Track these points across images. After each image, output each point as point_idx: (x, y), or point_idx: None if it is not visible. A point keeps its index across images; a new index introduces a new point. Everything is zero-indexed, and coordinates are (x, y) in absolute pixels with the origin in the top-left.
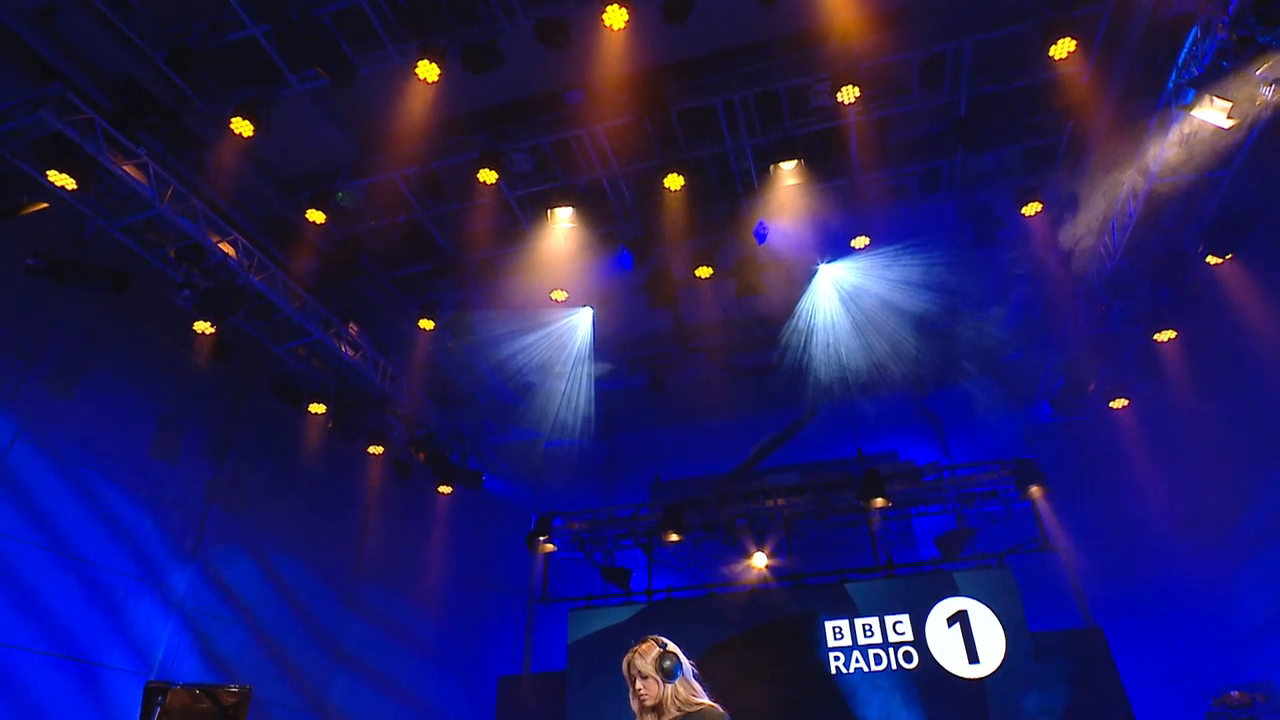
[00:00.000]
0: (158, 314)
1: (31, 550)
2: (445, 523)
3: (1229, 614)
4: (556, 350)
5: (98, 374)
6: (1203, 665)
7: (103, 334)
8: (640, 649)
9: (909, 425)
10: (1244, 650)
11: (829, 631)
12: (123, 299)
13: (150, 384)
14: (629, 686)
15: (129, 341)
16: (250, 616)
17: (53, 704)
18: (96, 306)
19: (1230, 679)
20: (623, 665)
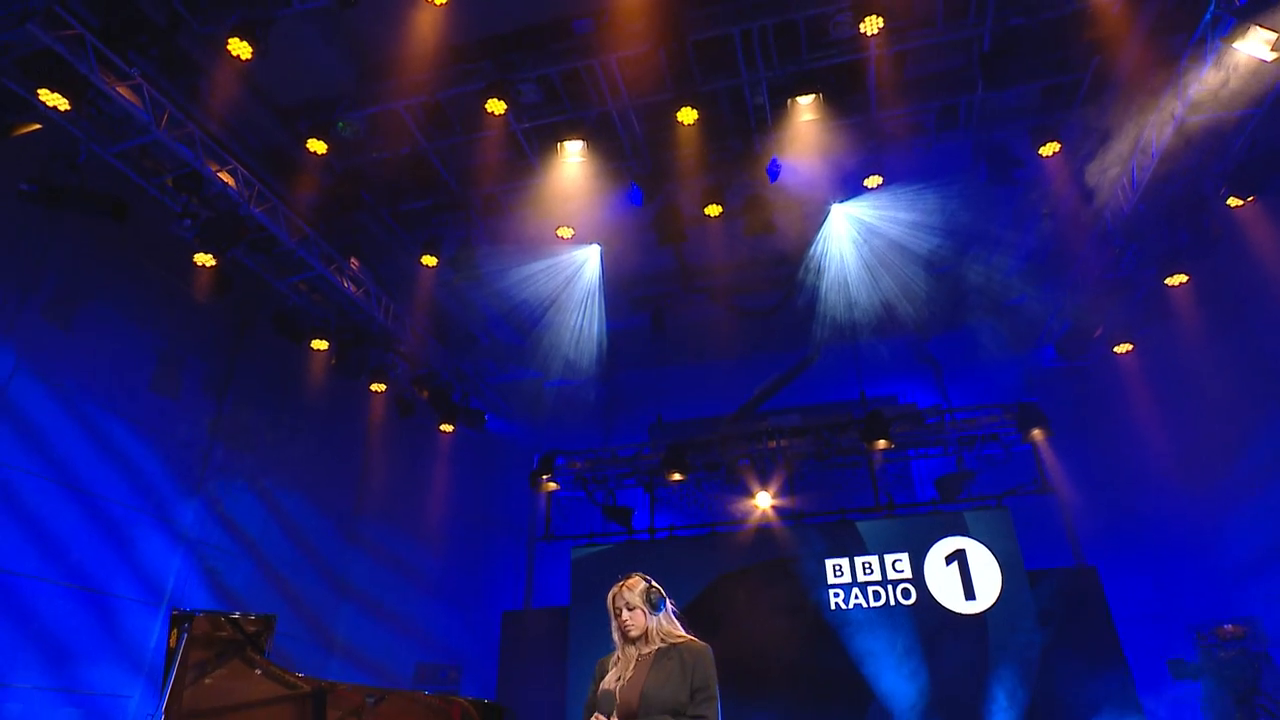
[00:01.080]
0: (155, 246)
1: (39, 482)
2: (446, 461)
3: (1218, 554)
4: (561, 288)
5: (95, 306)
6: (1190, 602)
7: (99, 265)
8: (627, 583)
9: (909, 369)
10: (1231, 588)
11: (829, 569)
12: (119, 230)
13: (149, 318)
14: (612, 619)
15: (126, 274)
16: (256, 551)
17: (68, 632)
18: (92, 236)
19: (1216, 615)
20: (608, 598)
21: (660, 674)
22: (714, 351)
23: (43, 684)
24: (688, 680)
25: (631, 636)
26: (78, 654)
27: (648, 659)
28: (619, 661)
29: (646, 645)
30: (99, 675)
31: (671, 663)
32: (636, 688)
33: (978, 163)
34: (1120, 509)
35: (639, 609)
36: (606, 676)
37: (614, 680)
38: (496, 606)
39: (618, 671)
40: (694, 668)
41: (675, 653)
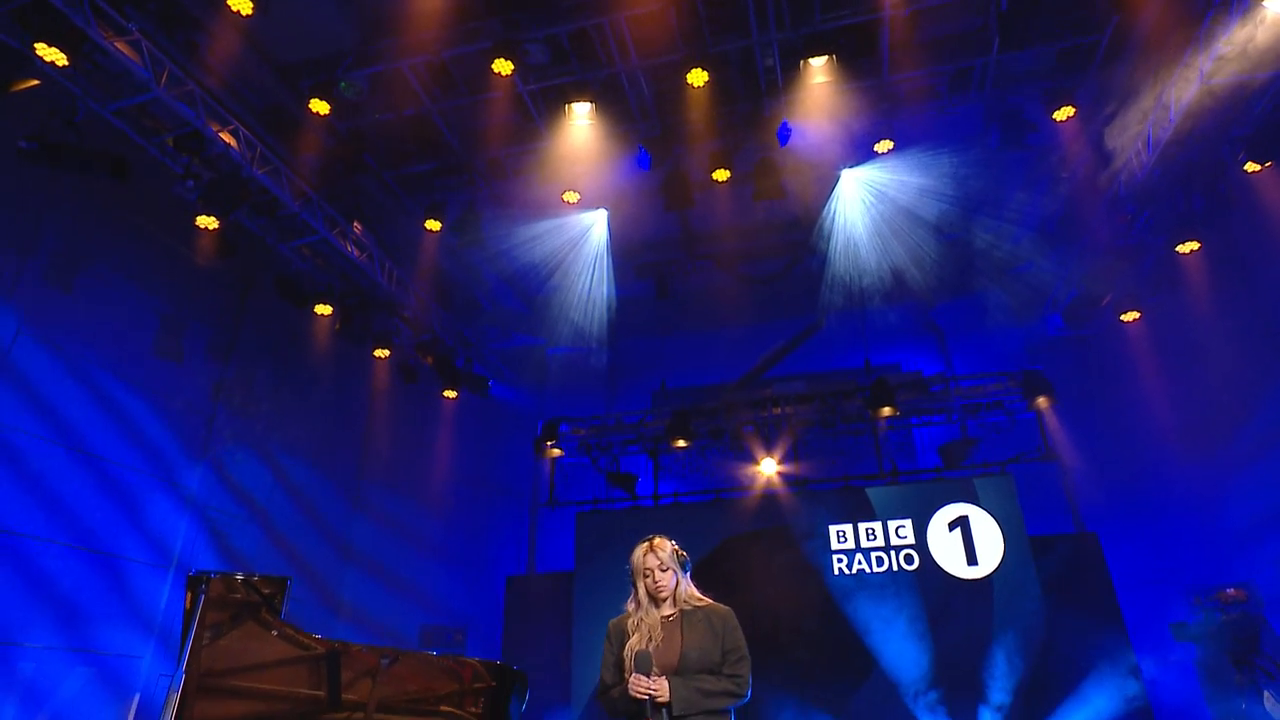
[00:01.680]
0: (156, 208)
1: (46, 446)
2: (449, 427)
3: (1217, 521)
4: (566, 254)
5: (97, 269)
6: (1189, 567)
7: (99, 227)
8: (655, 542)
9: (912, 337)
10: (1228, 554)
11: (833, 535)
12: (119, 191)
13: (151, 281)
14: (636, 579)
15: (127, 236)
16: (263, 515)
17: (79, 593)
18: (91, 198)
19: (1214, 580)
20: (635, 556)
21: (694, 635)
22: (718, 319)
23: (55, 644)
24: (719, 642)
25: (661, 597)
26: (89, 615)
27: (675, 621)
28: (641, 623)
29: (672, 607)
30: (111, 636)
31: (701, 625)
32: (674, 648)
33: (989, 128)
34: (1123, 476)
35: (671, 569)
36: (632, 638)
37: (643, 641)
38: (500, 571)
39: (644, 633)
40: (724, 630)
41: (701, 615)
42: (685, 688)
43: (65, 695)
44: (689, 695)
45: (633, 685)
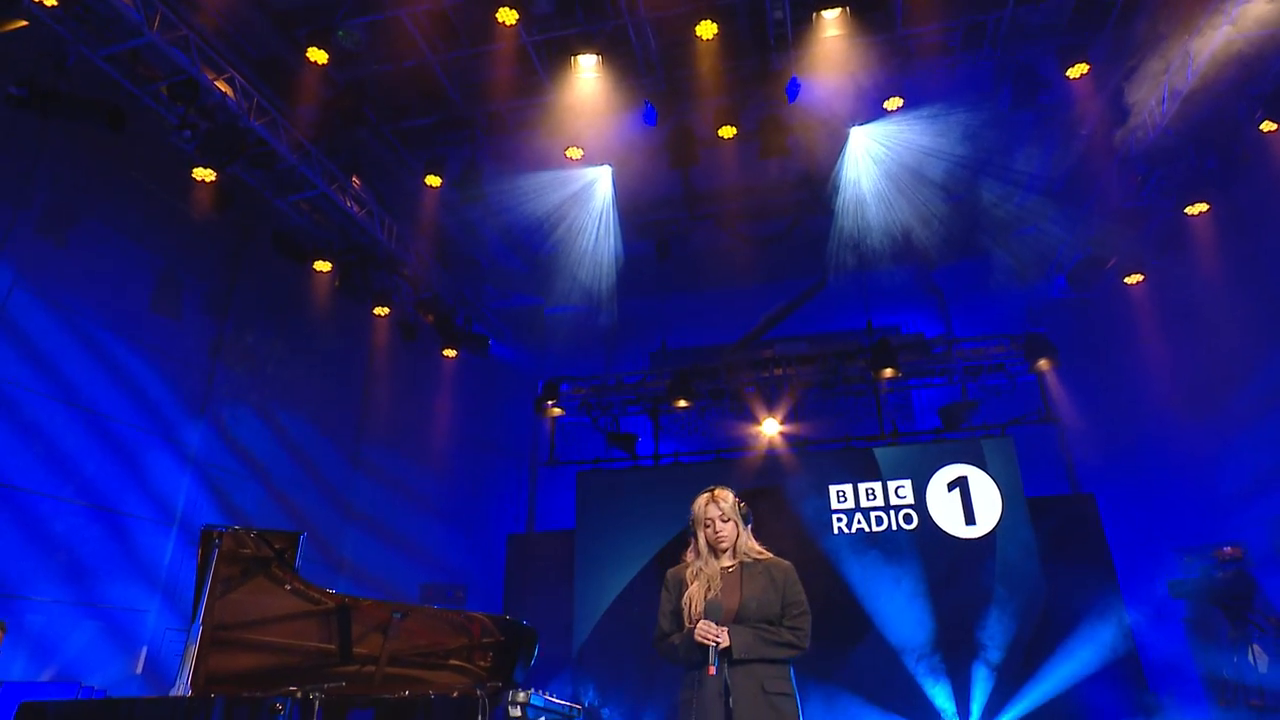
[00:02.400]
0: (150, 161)
1: (47, 402)
2: (448, 387)
3: (1211, 482)
4: (567, 212)
5: (91, 223)
6: (1182, 528)
7: (92, 180)
8: (717, 493)
9: (913, 299)
10: (1221, 515)
11: (833, 495)
12: (113, 143)
13: (146, 236)
14: (696, 529)
15: (121, 189)
16: (263, 473)
17: (84, 549)
18: (84, 149)
19: (1206, 539)
20: (696, 506)
21: (754, 587)
22: (719, 279)
23: (63, 598)
24: (780, 595)
25: (722, 547)
26: (95, 570)
27: (735, 572)
28: (701, 573)
29: (731, 558)
30: (117, 591)
31: (762, 577)
32: (734, 598)
33: (1001, 86)
34: (1121, 438)
35: (732, 521)
36: (691, 587)
37: (702, 590)
38: (499, 529)
39: (703, 583)
40: (785, 583)
41: (762, 567)
42: (745, 634)
43: (74, 647)
44: (749, 641)
45: (700, 630)
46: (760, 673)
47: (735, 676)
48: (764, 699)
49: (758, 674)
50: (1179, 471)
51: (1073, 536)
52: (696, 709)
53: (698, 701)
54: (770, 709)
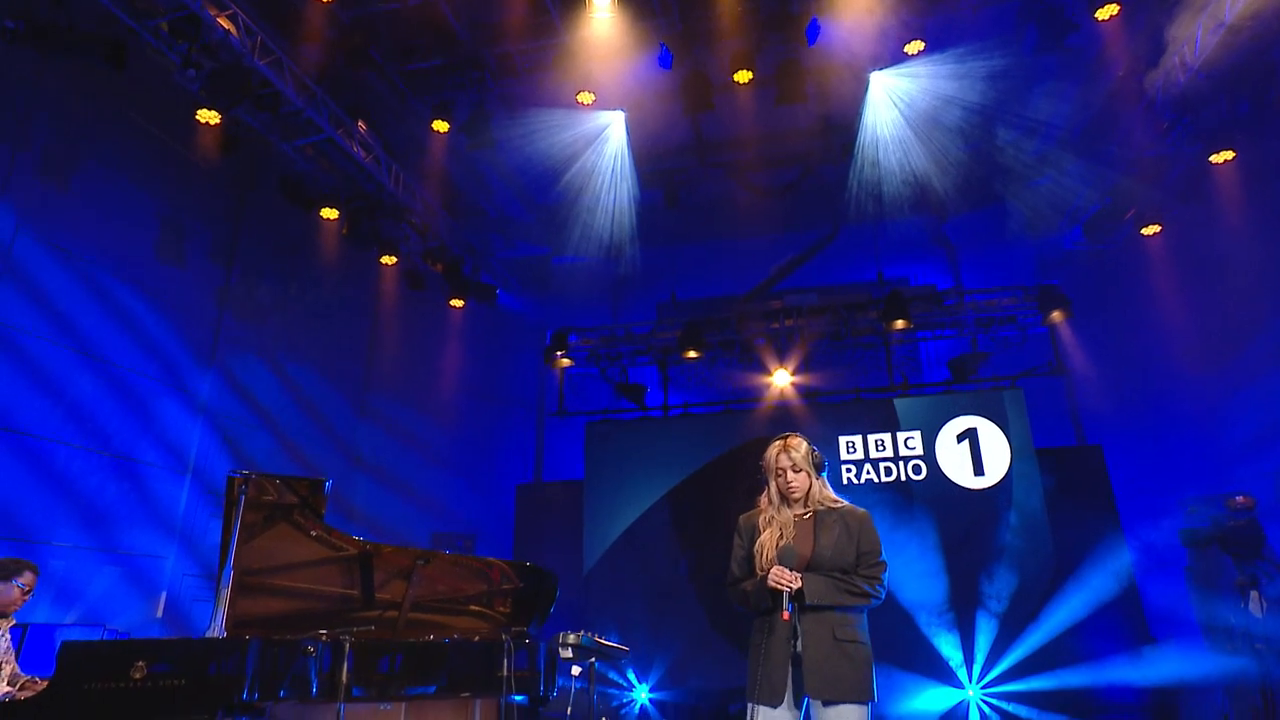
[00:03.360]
0: (152, 103)
1: (57, 349)
2: (454, 337)
3: (1219, 434)
4: (577, 160)
5: (92, 166)
6: (1188, 479)
7: (94, 121)
8: (789, 442)
9: (922, 251)
10: (1228, 467)
11: (842, 446)
12: (113, 83)
13: (149, 181)
14: (769, 477)
15: (123, 132)
16: (272, 423)
17: (101, 495)
18: (85, 89)
19: (1212, 491)
20: (768, 455)
21: (828, 535)
22: (728, 230)
23: (83, 543)
24: (854, 543)
25: (794, 497)
26: (112, 517)
27: (808, 521)
28: (773, 520)
29: (804, 506)
30: (135, 537)
31: (836, 526)
32: (807, 545)
33: (1025, 28)
34: (1129, 391)
35: (805, 471)
36: (763, 534)
37: (774, 538)
38: (506, 480)
39: (775, 529)
40: (860, 532)
41: (837, 516)
42: (818, 581)
43: (96, 592)
44: (821, 588)
45: (773, 576)
46: (832, 620)
47: (806, 623)
48: (834, 645)
49: (829, 621)
50: (1186, 423)
51: (1079, 487)
52: (765, 653)
53: (767, 646)
54: (841, 655)
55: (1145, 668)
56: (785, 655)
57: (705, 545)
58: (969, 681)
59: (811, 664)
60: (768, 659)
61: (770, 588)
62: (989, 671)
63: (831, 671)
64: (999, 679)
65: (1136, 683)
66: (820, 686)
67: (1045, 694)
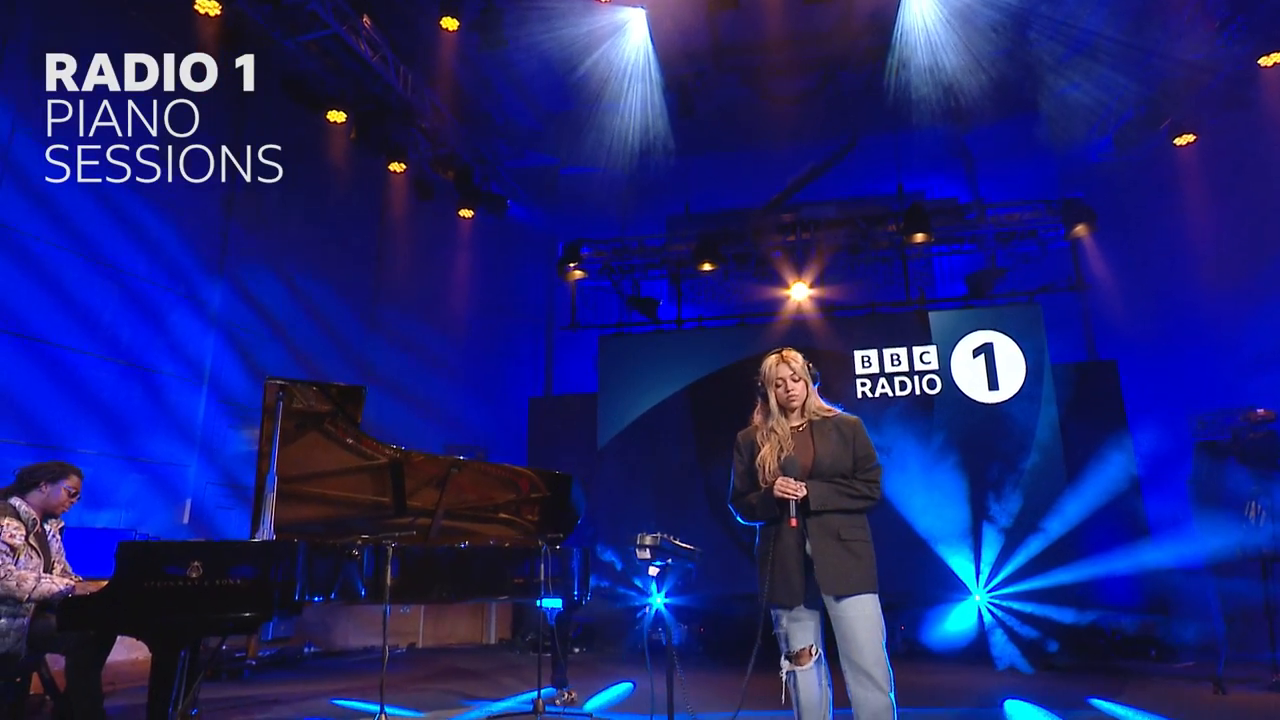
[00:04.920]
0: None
1: (68, 256)
2: (462, 249)
3: (1234, 349)
4: (592, 64)
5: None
6: (1197, 394)
7: (82, 14)
8: (785, 354)
9: (940, 164)
10: (1236, 383)
11: (858, 360)
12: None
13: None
14: (767, 389)
15: (114, 24)
16: (284, 334)
17: (122, 405)
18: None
19: (1223, 405)
20: (765, 367)
21: (825, 444)
22: (743, 140)
23: (108, 451)
24: (850, 449)
25: (793, 406)
26: (134, 426)
27: (805, 430)
28: (772, 433)
29: (800, 417)
30: (156, 445)
31: (833, 433)
32: (807, 455)
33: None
34: (1147, 306)
35: (803, 380)
36: (764, 448)
37: (774, 450)
38: (516, 393)
39: (775, 442)
40: (854, 438)
41: (831, 424)
42: (821, 487)
43: (123, 498)
44: (824, 493)
45: (779, 486)
46: (836, 523)
47: (812, 527)
48: (839, 546)
49: (833, 524)
50: (1202, 338)
51: (1092, 403)
52: (775, 559)
53: (776, 553)
54: (847, 554)
55: (1141, 555)
56: (798, 559)
57: (720, 456)
58: (976, 587)
59: (821, 564)
60: (781, 565)
61: (777, 498)
62: (995, 577)
63: (840, 569)
64: (1004, 582)
65: (1133, 571)
66: (832, 584)
67: (1047, 590)
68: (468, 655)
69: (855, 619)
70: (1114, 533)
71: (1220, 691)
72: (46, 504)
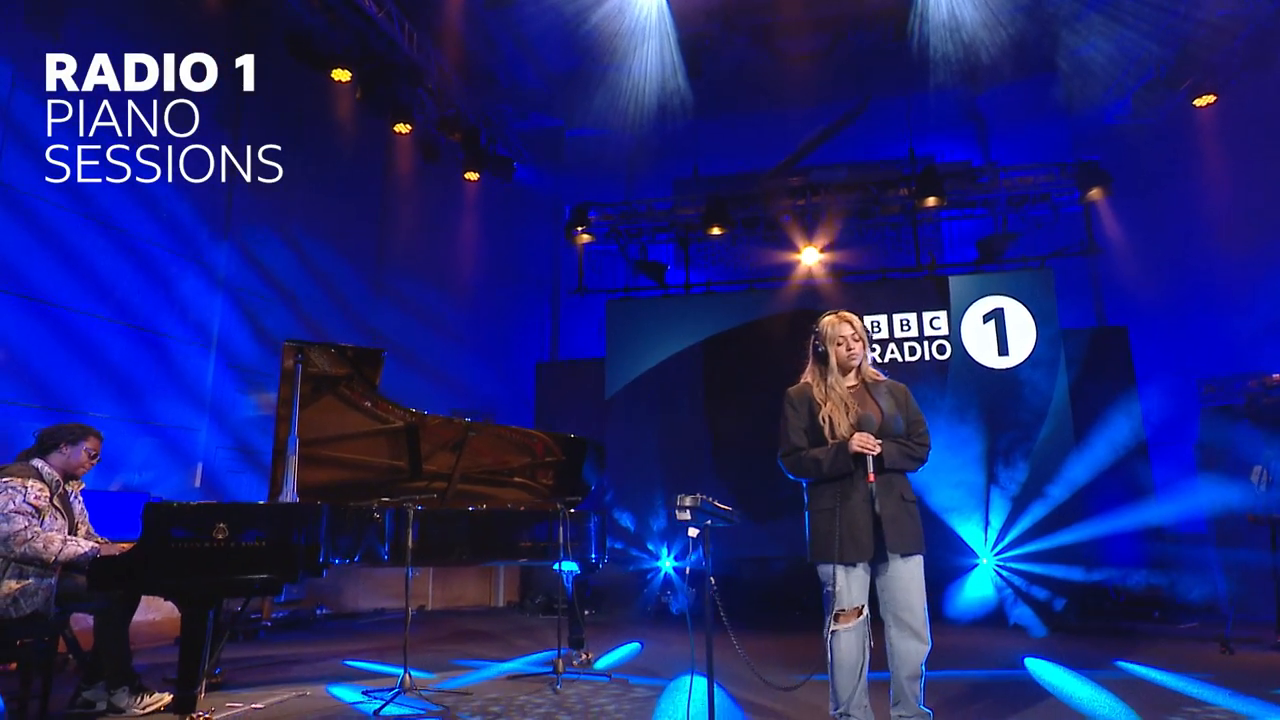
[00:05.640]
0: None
1: (71, 216)
2: (468, 212)
3: (1242, 317)
4: (599, 20)
5: (81, 16)
6: (1207, 360)
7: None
8: (844, 315)
9: (951, 128)
10: (1247, 348)
11: (867, 326)
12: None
13: (143, 32)
14: (827, 347)
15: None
16: (290, 298)
17: (132, 368)
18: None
19: (1231, 370)
20: (825, 326)
21: (888, 403)
22: (751, 102)
23: (119, 414)
24: (904, 412)
25: (854, 365)
26: (144, 389)
27: (860, 390)
28: (832, 390)
29: (855, 378)
30: (167, 409)
31: (889, 396)
32: (875, 413)
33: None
34: (1159, 271)
35: (862, 340)
36: (826, 405)
37: (838, 407)
38: (523, 358)
39: (836, 400)
40: (906, 403)
41: (885, 387)
42: (890, 445)
43: (136, 462)
44: (894, 451)
45: (859, 441)
46: (897, 482)
47: (877, 486)
48: (902, 504)
49: (895, 483)
50: (1214, 304)
51: (1102, 368)
52: (843, 515)
53: (845, 509)
54: (908, 514)
55: (1147, 519)
56: (868, 517)
57: (728, 419)
58: (985, 550)
59: (889, 522)
60: (851, 521)
61: (854, 453)
62: (1002, 540)
63: (905, 528)
64: (1012, 545)
65: (1138, 534)
66: (899, 542)
67: (1054, 553)
68: (477, 617)
69: (910, 578)
70: (1121, 497)
71: (1228, 651)
72: (67, 465)
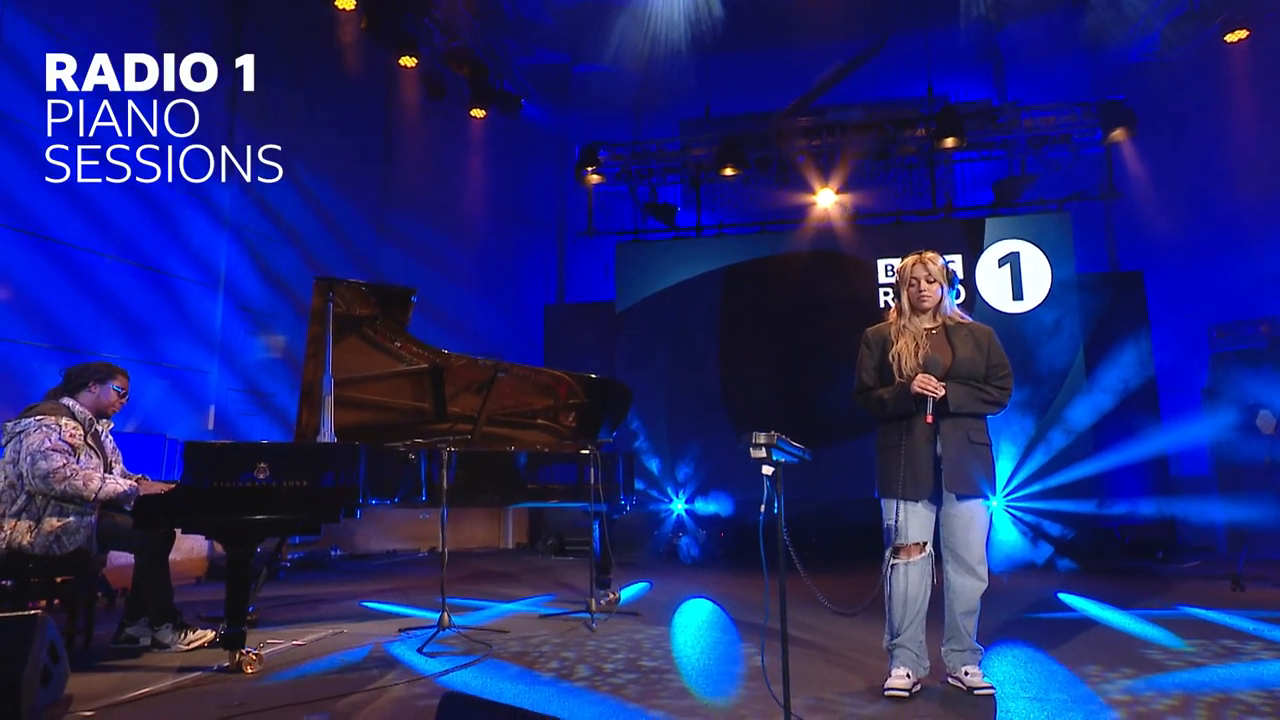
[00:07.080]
0: None
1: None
2: (474, 151)
3: (1256, 263)
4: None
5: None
6: (1220, 306)
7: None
8: (925, 256)
9: (967, 66)
10: (1260, 295)
11: (881, 269)
12: None
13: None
14: (901, 288)
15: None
16: (295, 238)
17: (141, 309)
18: None
19: (1238, 316)
20: (903, 266)
21: (964, 347)
22: (766, 38)
23: (130, 355)
24: (985, 356)
25: (925, 307)
26: (154, 330)
27: (939, 333)
28: (906, 330)
29: (933, 320)
30: (177, 350)
31: (967, 338)
32: (947, 357)
33: None
34: (1177, 214)
35: (938, 282)
36: (898, 344)
37: (910, 347)
38: (530, 300)
39: (909, 340)
40: (989, 346)
41: (965, 330)
42: (958, 388)
43: (149, 403)
44: (961, 394)
45: (919, 382)
46: (966, 425)
47: (945, 427)
48: (969, 447)
49: (964, 426)
50: (1230, 249)
51: (1116, 314)
52: (906, 454)
53: (908, 447)
54: (975, 456)
55: (1154, 463)
56: (929, 456)
57: (740, 362)
58: (994, 494)
59: (950, 463)
60: (912, 460)
61: (916, 393)
62: (1012, 481)
63: (967, 470)
64: (1022, 485)
65: (1145, 477)
66: (957, 483)
67: (1063, 493)
68: (490, 559)
69: (971, 519)
70: (1130, 443)
71: (1239, 588)
72: (98, 404)
